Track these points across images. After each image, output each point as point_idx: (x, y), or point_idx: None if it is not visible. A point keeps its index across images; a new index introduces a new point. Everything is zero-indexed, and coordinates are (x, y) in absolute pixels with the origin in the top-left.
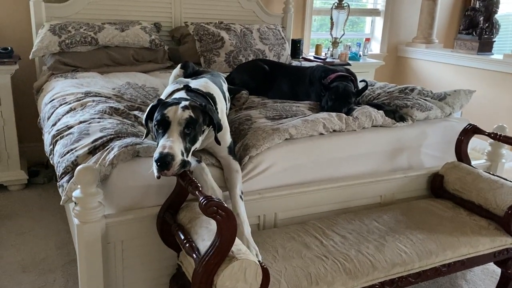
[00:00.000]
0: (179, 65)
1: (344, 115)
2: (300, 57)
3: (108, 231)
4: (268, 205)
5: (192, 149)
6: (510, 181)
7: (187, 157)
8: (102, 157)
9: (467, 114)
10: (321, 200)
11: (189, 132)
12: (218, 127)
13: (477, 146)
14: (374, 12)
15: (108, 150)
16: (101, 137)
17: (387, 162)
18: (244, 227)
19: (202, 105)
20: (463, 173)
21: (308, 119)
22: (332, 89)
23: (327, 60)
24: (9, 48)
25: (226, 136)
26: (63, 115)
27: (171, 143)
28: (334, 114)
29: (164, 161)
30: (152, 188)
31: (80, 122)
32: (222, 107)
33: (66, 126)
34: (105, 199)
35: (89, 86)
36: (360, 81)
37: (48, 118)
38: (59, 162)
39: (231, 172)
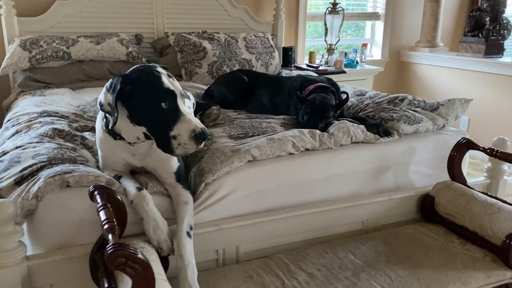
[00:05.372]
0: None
1: (318, 131)
2: (292, 66)
3: (33, 274)
4: (228, 238)
5: None
6: (509, 204)
7: None
8: (26, 189)
9: (475, 122)
10: (292, 229)
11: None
12: None
13: (477, 154)
14: (373, 16)
15: (34, 181)
16: (30, 165)
17: (369, 183)
18: (188, 271)
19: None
20: (456, 195)
21: (275, 137)
22: (308, 102)
23: (320, 68)
24: None
25: (171, 160)
26: (8, 139)
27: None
28: (306, 131)
29: (205, 138)
30: (85, 223)
31: (16, 148)
32: None
33: (2, 152)
34: (32, 237)
35: (51, 104)
36: (341, 93)
37: None
38: None
39: (178, 203)
